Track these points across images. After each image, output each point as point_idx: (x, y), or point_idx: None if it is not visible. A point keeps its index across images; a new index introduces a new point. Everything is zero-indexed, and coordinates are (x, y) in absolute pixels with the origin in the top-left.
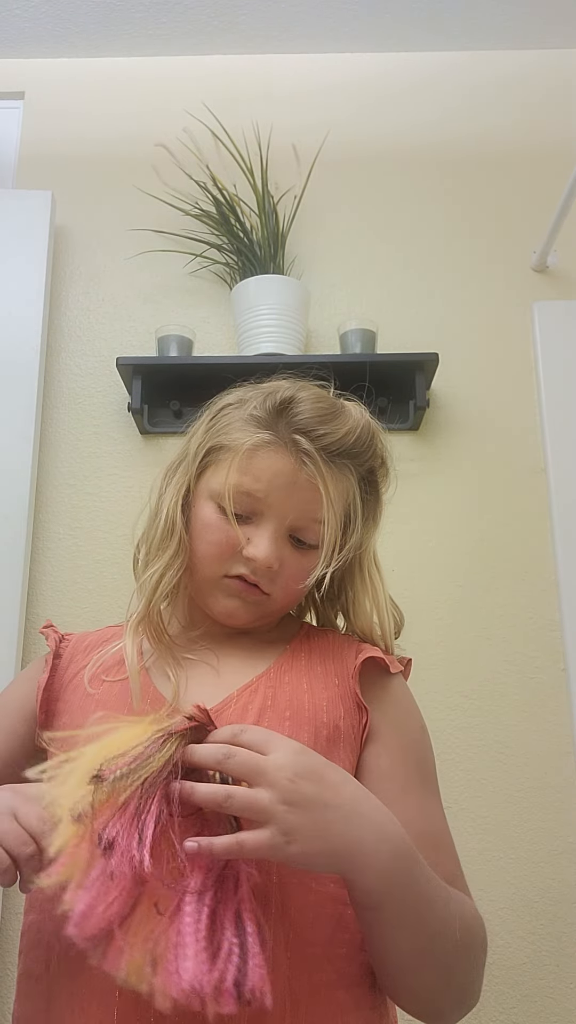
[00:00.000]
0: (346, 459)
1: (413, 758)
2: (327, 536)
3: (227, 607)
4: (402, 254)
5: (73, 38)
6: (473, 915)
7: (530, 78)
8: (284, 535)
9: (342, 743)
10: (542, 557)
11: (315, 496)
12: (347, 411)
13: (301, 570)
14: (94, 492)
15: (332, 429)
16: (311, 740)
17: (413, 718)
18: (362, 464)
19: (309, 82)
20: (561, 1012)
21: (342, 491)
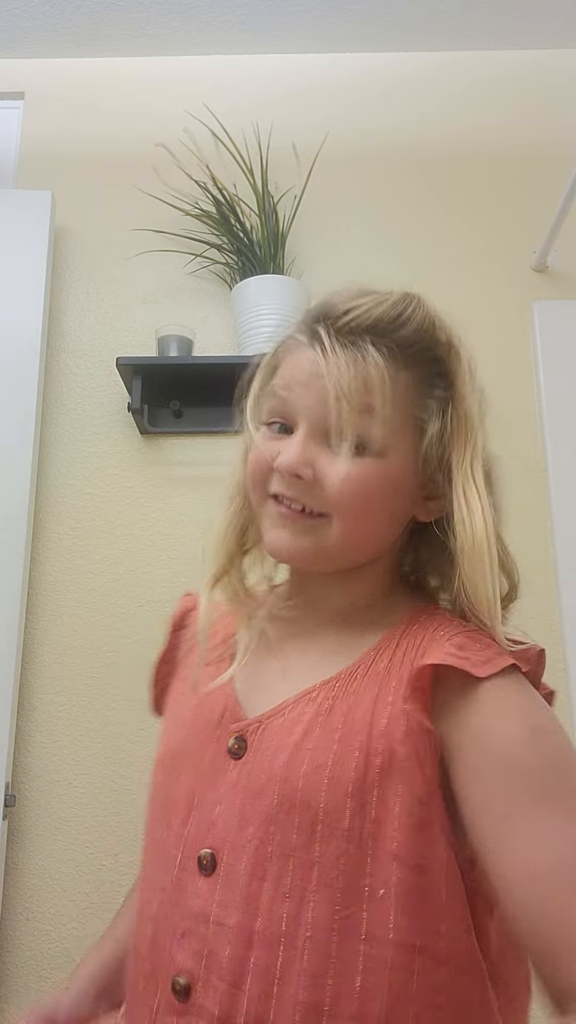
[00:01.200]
0: (373, 335)
1: (516, 773)
2: (340, 425)
3: (274, 539)
4: (402, 254)
5: (73, 38)
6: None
7: (530, 78)
8: (320, 441)
9: (398, 775)
10: (542, 557)
11: (337, 380)
12: (386, 292)
13: (359, 478)
14: (94, 492)
15: (355, 305)
16: (360, 769)
17: (513, 721)
18: (405, 344)
19: (309, 82)
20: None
21: (364, 373)
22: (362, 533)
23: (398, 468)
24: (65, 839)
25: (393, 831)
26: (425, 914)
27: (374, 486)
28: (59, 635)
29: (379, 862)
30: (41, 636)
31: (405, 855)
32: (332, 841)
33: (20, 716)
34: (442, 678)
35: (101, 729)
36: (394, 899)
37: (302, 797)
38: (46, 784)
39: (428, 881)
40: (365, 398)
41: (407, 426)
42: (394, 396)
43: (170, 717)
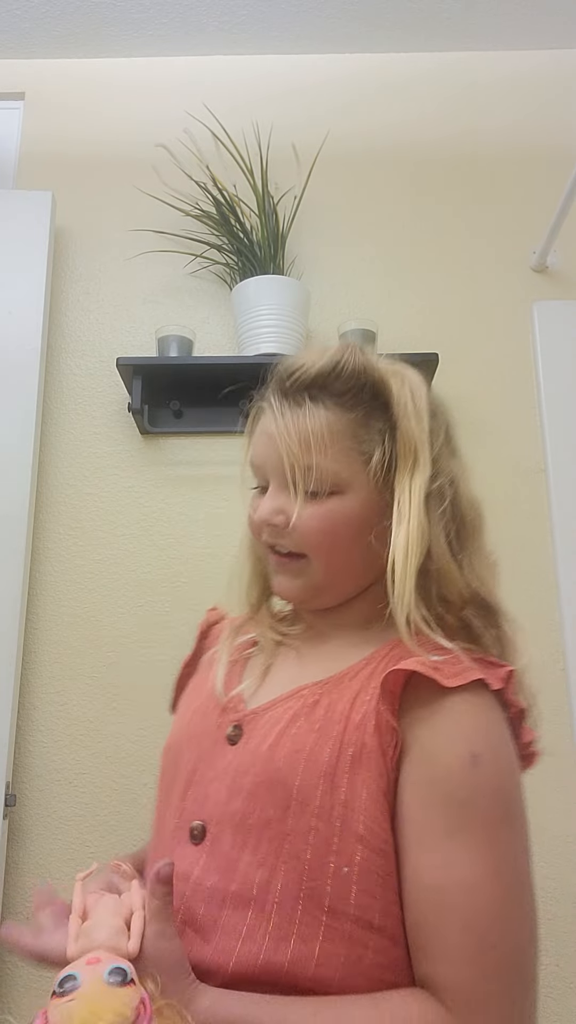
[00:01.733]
0: (314, 390)
1: (440, 795)
2: (290, 476)
3: (277, 585)
4: (402, 254)
5: (73, 38)
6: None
7: (530, 78)
8: (288, 489)
9: (368, 765)
10: (542, 557)
11: (290, 439)
12: (327, 349)
13: (322, 519)
14: (94, 492)
15: (298, 366)
16: (333, 754)
17: (457, 743)
18: (343, 392)
19: (309, 82)
20: (561, 1012)
21: (303, 426)
22: (339, 565)
23: (358, 502)
24: (65, 839)
25: (360, 815)
26: (385, 896)
27: (338, 522)
28: (59, 635)
29: (345, 842)
30: (41, 636)
31: (369, 838)
32: (303, 817)
33: (20, 716)
34: (413, 686)
35: (101, 729)
36: (357, 878)
37: (280, 776)
38: (46, 784)
39: (389, 866)
40: (308, 450)
41: (357, 463)
42: (336, 441)
43: (181, 709)
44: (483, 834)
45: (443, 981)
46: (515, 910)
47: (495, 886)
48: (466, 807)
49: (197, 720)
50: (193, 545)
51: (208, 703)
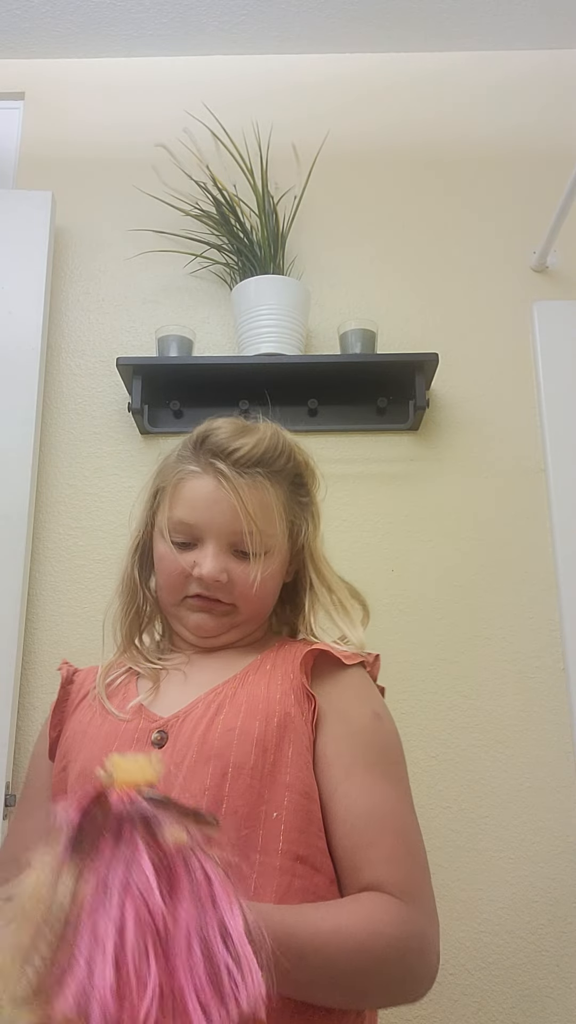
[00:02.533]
0: (261, 467)
1: (360, 743)
2: (251, 542)
3: (195, 621)
4: (402, 254)
5: (73, 38)
6: (383, 936)
7: (530, 78)
8: (226, 550)
9: (292, 728)
10: (542, 557)
11: (239, 506)
12: (258, 428)
13: (249, 576)
14: (94, 492)
15: (242, 443)
16: (263, 726)
17: (364, 705)
18: (281, 470)
19: (309, 82)
20: (561, 1012)
21: (263, 499)
22: (262, 611)
23: (280, 559)
24: None
25: (287, 767)
26: (309, 831)
27: (268, 578)
28: (59, 635)
29: (275, 792)
30: (41, 636)
31: (296, 784)
32: (240, 779)
33: (20, 716)
34: (319, 664)
35: None
36: (285, 819)
37: (215, 751)
38: None
39: (312, 806)
40: (266, 518)
41: (283, 528)
42: (278, 512)
43: (79, 741)
44: (392, 768)
45: (387, 878)
46: (416, 821)
47: (406, 804)
48: (376, 750)
49: (112, 739)
50: None
51: (115, 725)
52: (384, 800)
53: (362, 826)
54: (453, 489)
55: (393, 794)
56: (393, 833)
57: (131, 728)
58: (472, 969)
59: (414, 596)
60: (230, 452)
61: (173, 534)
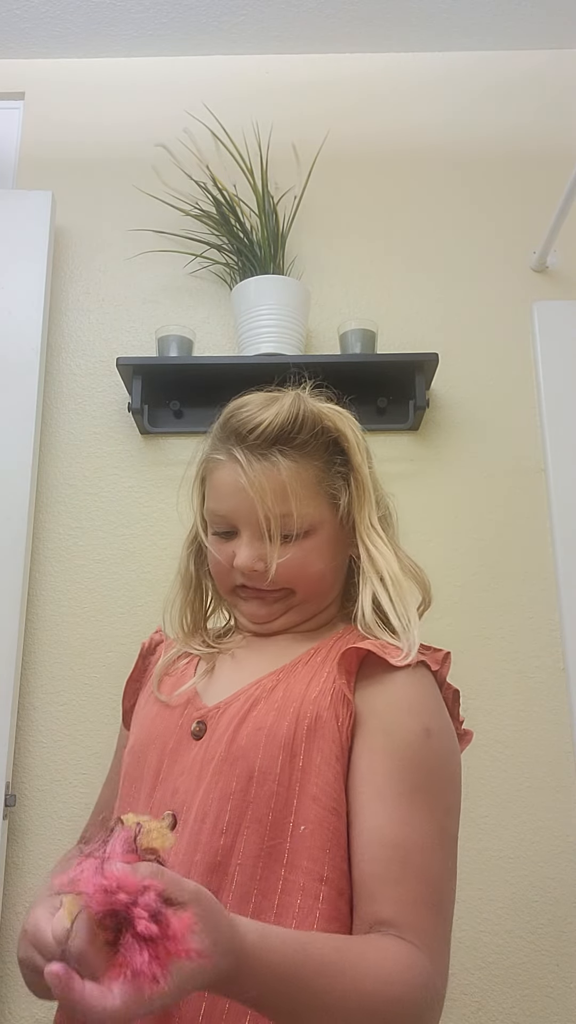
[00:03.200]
0: (282, 445)
1: (399, 761)
2: (273, 527)
3: (249, 610)
4: (402, 254)
5: (73, 38)
6: (401, 980)
7: (530, 78)
8: (264, 536)
9: (325, 735)
10: (542, 557)
11: (263, 491)
12: (277, 401)
13: (301, 560)
14: (94, 492)
15: (260, 422)
16: (291, 727)
17: (412, 718)
18: (306, 443)
19: (309, 82)
20: (561, 1012)
21: (280, 480)
22: (319, 591)
23: (328, 536)
24: (65, 839)
25: (314, 777)
26: (335, 851)
27: (314, 558)
28: (59, 635)
29: (302, 803)
30: (41, 636)
31: (323, 798)
32: (265, 785)
33: (20, 716)
34: (366, 663)
35: (101, 729)
36: (312, 834)
37: (242, 752)
38: (46, 784)
39: (339, 823)
40: (285, 501)
41: (324, 503)
42: (306, 488)
43: (137, 719)
44: (434, 798)
45: (407, 923)
46: (453, 865)
47: (442, 842)
48: (421, 773)
49: (159, 723)
50: None
51: (165, 708)
52: (418, 835)
53: (387, 858)
54: (453, 489)
55: (429, 828)
56: (420, 876)
57: (176, 715)
58: (472, 969)
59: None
60: (247, 434)
61: (213, 525)
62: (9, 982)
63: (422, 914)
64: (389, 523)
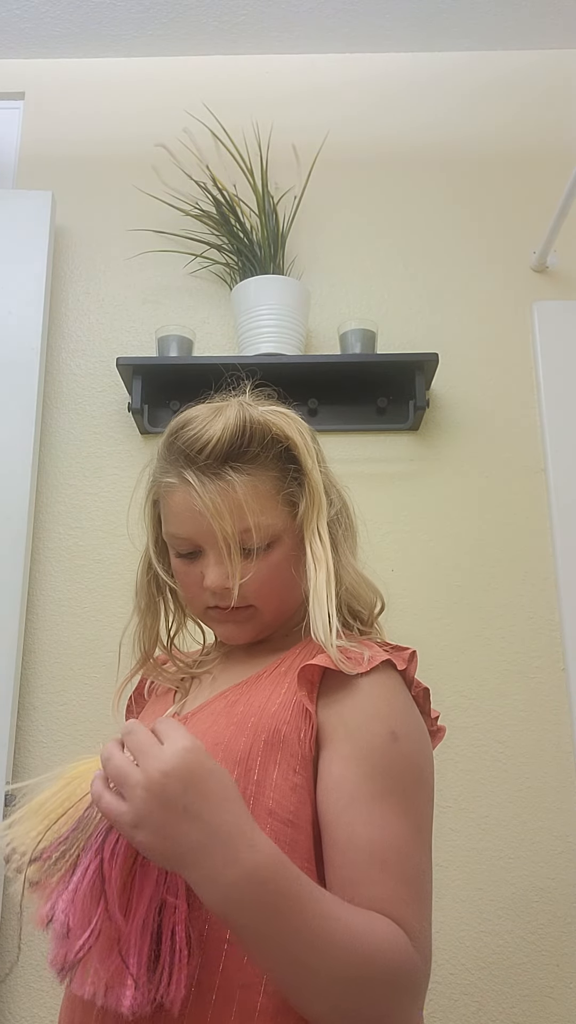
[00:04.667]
0: (233, 461)
1: (369, 766)
2: (232, 545)
3: (224, 632)
4: (402, 254)
5: (73, 38)
6: (380, 948)
7: (530, 78)
8: (228, 553)
9: (283, 748)
10: (542, 557)
11: (221, 510)
12: (222, 414)
13: (266, 575)
14: (94, 492)
15: (207, 439)
16: (248, 743)
17: (377, 723)
18: (257, 455)
19: (309, 82)
20: (561, 1012)
21: (235, 499)
22: (283, 605)
23: (290, 546)
24: None
25: (270, 792)
26: (294, 862)
27: (278, 571)
28: (59, 635)
29: (258, 816)
30: (41, 636)
31: (278, 811)
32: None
33: (20, 716)
34: (328, 675)
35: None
36: None
37: None
38: None
39: (296, 835)
40: (243, 518)
41: (283, 513)
42: (263, 501)
43: None
44: (405, 799)
45: (390, 914)
46: (429, 863)
47: (417, 840)
48: (391, 776)
49: None
50: None
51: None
52: (393, 836)
53: (363, 861)
54: (453, 489)
55: (403, 830)
56: (398, 876)
57: None
58: (472, 969)
59: (414, 596)
60: (196, 455)
61: (176, 547)
62: (9, 982)
63: (402, 910)
64: (341, 523)
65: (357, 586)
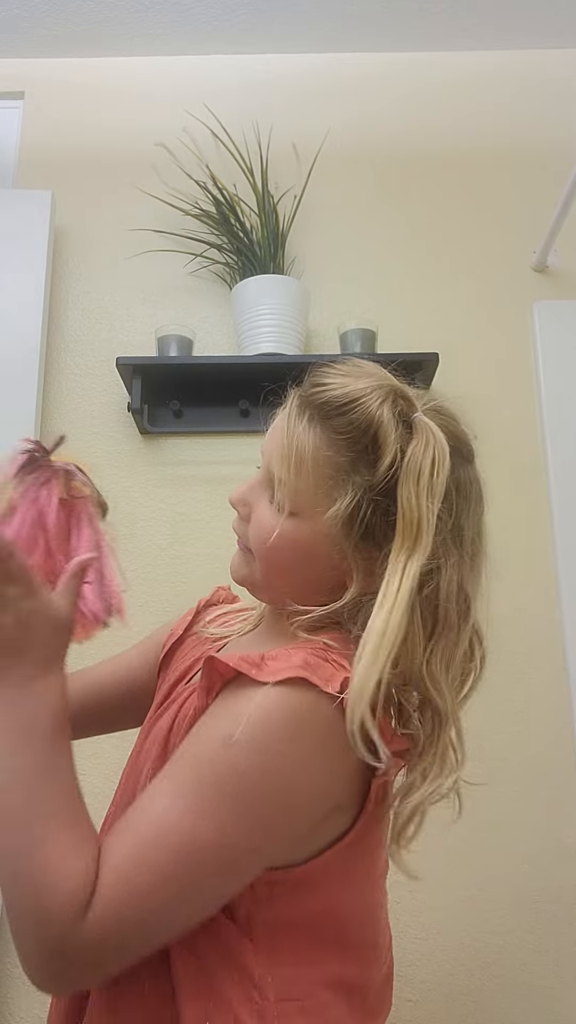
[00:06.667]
0: (321, 416)
1: (187, 755)
2: (267, 474)
3: (231, 560)
4: (402, 254)
5: (73, 38)
6: (38, 865)
7: (530, 78)
8: (268, 485)
9: (177, 744)
10: (542, 557)
11: (280, 442)
12: (353, 374)
13: (265, 528)
14: None
15: (325, 383)
16: (163, 738)
17: (223, 723)
18: (340, 430)
19: (309, 82)
20: (561, 1012)
21: (302, 447)
22: (276, 576)
23: (309, 534)
24: None
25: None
26: None
27: (285, 540)
28: None
29: None
30: None
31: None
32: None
33: None
34: (237, 678)
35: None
36: None
37: (144, 759)
38: None
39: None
40: (286, 463)
41: (322, 500)
42: (313, 469)
43: (162, 684)
44: (202, 799)
45: (101, 861)
46: (179, 881)
47: (181, 846)
48: (205, 771)
49: (156, 705)
50: (193, 545)
51: (167, 689)
52: (155, 806)
53: (124, 817)
54: None
55: (177, 805)
56: (133, 844)
57: (168, 696)
58: (472, 969)
59: None
60: (308, 387)
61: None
62: (9, 982)
63: (108, 873)
64: (441, 617)
65: (410, 656)
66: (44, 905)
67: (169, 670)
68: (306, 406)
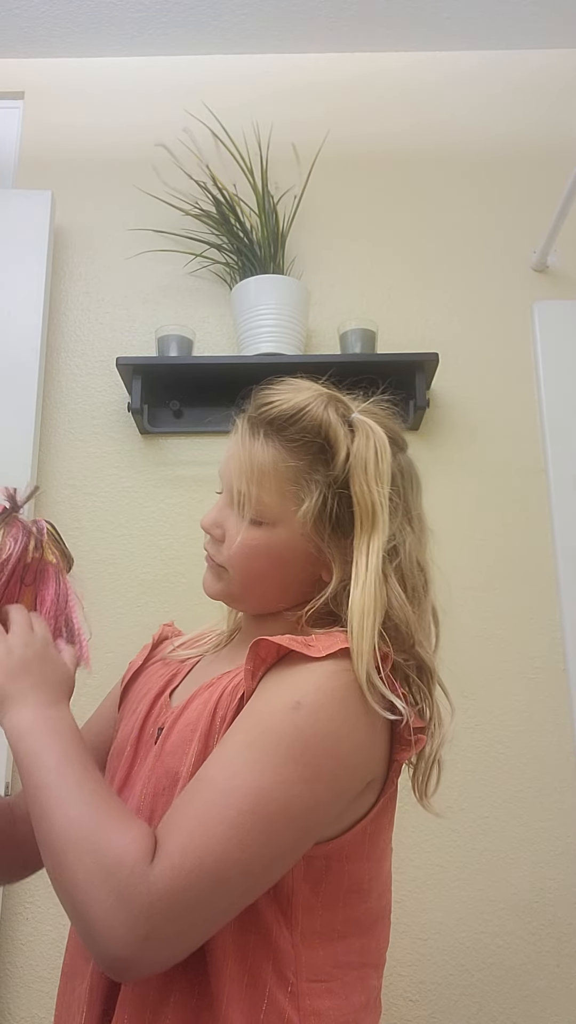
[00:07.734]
0: (273, 430)
1: (252, 721)
2: (237, 501)
3: (203, 580)
4: (402, 254)
5: (73, 38)
6: (98, 839)
7: (530, 78)
8: (230, 507)
9: (228, 722)
10: (542, 557)
11: (239, 463)
12: (296, 393)
13: (237, 544)
14: (94, 492)
15: (269, 401)
16: (206, 723)
17: (287, 691)
18: (296, 440)
19: (309, 82)
20: (561, 1012)
21: (260, 462)
22: (255, 585)
23: (285, 538)
24: None
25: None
26: None
27: (261, 551)
28: None
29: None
30: None
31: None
32: (182, 781)
33: None
34: (286, 659)
35: None
36: None
37: (172, 748)
38: None
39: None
40: (249, 479)
41: (291, 504)
42: (276, 480)
43: (126, 715)
44: (269, 758)
45: (164, 821)
46: (247, 833)
47: (248, 801)
48: (270, 735)
49: (137, 725)
50: (193, 545)
51: (146, 709)
52: (225, 774)
53: (190, 788)
54: (453, 489)
55: (243, 780)
56: (190, 808)
57: (150, 719)
58: (472, 969)
59: None
60: (255, 407)
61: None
62: (9, 982)
63: (170, 837)
64: (410, 586)
65: (404, 626)
66: (107, 853)
67: (135, 693)
68: (258, 425)
